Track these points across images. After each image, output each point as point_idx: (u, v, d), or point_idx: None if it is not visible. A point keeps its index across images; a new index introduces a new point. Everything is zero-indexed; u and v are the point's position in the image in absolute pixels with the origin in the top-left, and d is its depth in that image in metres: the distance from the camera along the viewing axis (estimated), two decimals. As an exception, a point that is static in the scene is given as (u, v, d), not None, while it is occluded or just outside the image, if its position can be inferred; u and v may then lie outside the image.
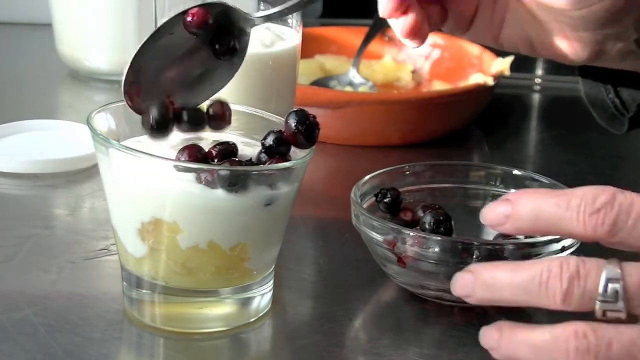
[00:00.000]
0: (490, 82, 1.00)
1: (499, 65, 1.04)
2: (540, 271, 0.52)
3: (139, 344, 0.64)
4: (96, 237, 0.75)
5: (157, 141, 0.63)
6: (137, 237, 0.62)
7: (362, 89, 1.06)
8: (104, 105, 0.65)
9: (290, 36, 0.78)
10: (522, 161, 0.97)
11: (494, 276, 0.54)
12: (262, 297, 0.65)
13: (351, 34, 1.14)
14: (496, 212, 0.54)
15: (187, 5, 0.65)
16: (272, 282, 0.66)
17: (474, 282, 0.54)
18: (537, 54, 0.70)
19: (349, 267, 0.72)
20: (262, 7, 0.78)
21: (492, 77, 1.01)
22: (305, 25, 0.81)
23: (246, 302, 0.64)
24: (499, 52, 1.06)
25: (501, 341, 0.53)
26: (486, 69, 1.04)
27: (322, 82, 1.07)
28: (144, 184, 0.60)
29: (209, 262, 0.61)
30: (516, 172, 0.76)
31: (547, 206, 0.53)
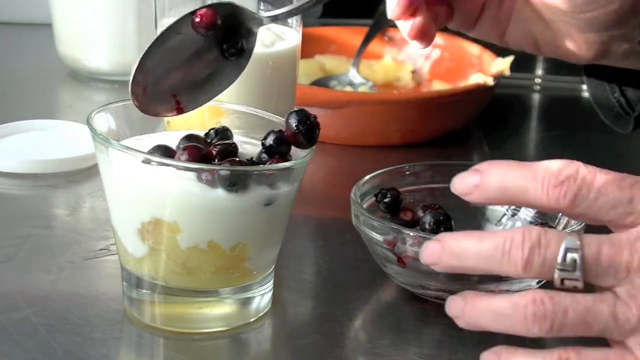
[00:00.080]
0: (490, 82, 1.00)
1: (499, 65, 1.04)
2: (503, 240, 0.54)
3: (139, 344, 0.64)
4: (96, 237, 0.75)
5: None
6: (137, 237, 0.62)
7: (362, 89, 1.06)
8: (104, 105, 0.65)
9: (290, 36, 0.78)
10: (522, 161, 0.97)
11: (460, 245, 0.56)
12: (262, 297, 0.65)
13: (351, 34, 1.14)
14: (465, 182, 0.56)
15: (186, 5, 0.65)
16: (272, 282, 0.66)
17: (441, 250, 0.56)
18: (542, 52, 0.70)
19: (349, 267, 0.72)
20: (261, 8, 0.78)
21: (492, 77, 1.01)
22: (305, 25, 0.81)
23: (246, 302, 0.64)
24: (499, 52, 1.06)
25: (465, 309, 0.56)
26: (486, 69, 1.04)
27: (322, 82, 1.07)
28: (143, 184, 0.60)
29: (209, 262, 0.61)
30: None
31: (514, 177, 0.55)
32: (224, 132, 0.66)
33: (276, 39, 0.77)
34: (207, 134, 0.65)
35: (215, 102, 0.69)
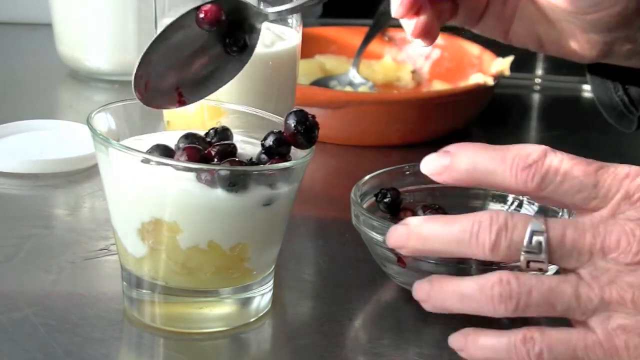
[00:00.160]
0: (490, 82, 1.00)
1: (499, 65, 1.04)
2: (471, 223, 0.56)
3: (139, 344, 0.64)
4: (96, 237, 0.75)
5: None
6: (137, 237, 0.62)
7: (362, 89, 1.06)
8: (104, 105, 0.65)
9: (290, 36, 0.78)
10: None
11: (428, 228, 0.57)
12: (262, 297, 0.65)
13: (351, 34, 1.14)
14: (435, 163, 0.58)
15: (186, 4, 0.65)
16: (272, 282, 0.66)
17: (407, 234, 0.58)
18: (546, 51, 0.70)
19: (349, 267, 0.72)
20: (262, 6, 0.78)
21: (492, 77, 1.01)
22: (305, 25, 0.81)
23: (246, 302, 0.64)
24: (499, 52, 1.06)
25: (431, 292, 0.58)
26: (486, 69, 1.04)
27: (322, 82, 1.07)
28: (143, 184, 0.60)
29: (209, 262, 0.61)
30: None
31: (483, 159, 0.56)
32: (223, 132, 0.66)
33: (276, 39, 0.77)
34: (207, 134, 0.65)
35: (215, 102, 0.69)
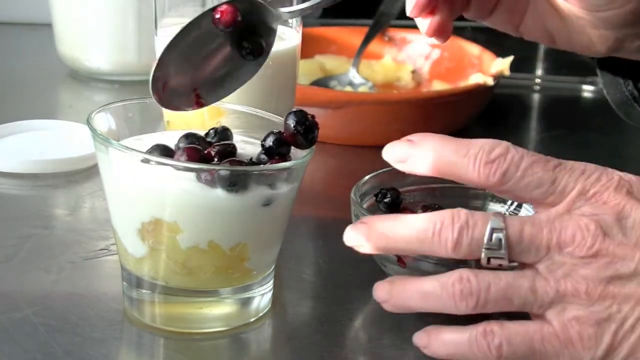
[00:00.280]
0: (490, 82, 1.00)
1: (499, 65, 1.04)
2: (434, 222, 0.57)
3: (139, 344, 0.64)
4: (96, 237, 0.75)
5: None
6: (137, 237, 0.62)
7: (362, 89, 1.06)
8: (104, 105, 0.65)
9: (290, 36, 0.78)
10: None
11: (391, 226, 0.59)
12: (262, 297, 0.65)
13: (351, 34, 1.14)
14: (399, 151, 0.60)
15: (186, 5, 0.65)
16: (272, 282, 0.66)
17: (368, 232, 0.60)
18: (557, 45, 0.71)
19: (349, 267, 0.72)
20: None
21: (492, 77, 1.01)
22: (305, 25, 0.81)
23: (246, 302, 0.64)
24: (499, 52, 1.06)
25: (392, 292, 0.60)
26: (486, 69, 1.04)
27: (322, 82, 1.07)
28: (143, 184, 0.60)
29: (209, 262, 0.61)
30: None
31: (447, 151, 0.59)
32: (223, 132, 0.66)
33: (276, 39, 0.77)
34: (207, 134, 0.65)
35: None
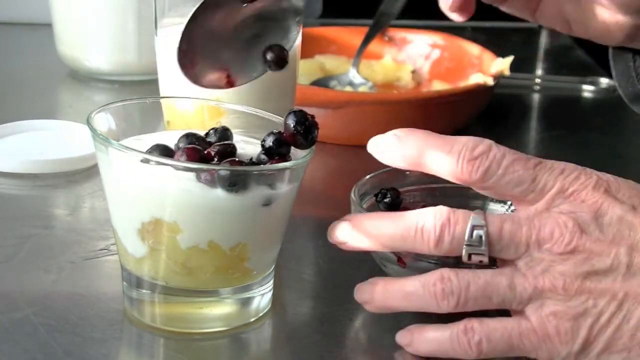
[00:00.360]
0: (490, 82, 1.00)
1: (499, 65, 1.04)
2: (416, 220, 0.59)
3: (139, 344, 0.64)
4: (96, 237, 0.75)
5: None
6: (137, 237, 0.62)
7: (362, 89, 1.06)
8: (104, 105, 0.65)
9: (290, 36, 0.78)
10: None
11: (373, 225, 0.60)
12: (262, 297, 0.65)
13: (351, 34, 1.14)
14: (383, 144, 0.61)
15: (186, 5, 0.65)
16: (272, 282, 0.66)
17: (352, 230, 0.61)
18: (573, 32, 0.71)
19: (349, 267, 0.72)
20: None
21: (492, 77, 1.01)
22: (305, 25, 0.81)
23: (246, 302, 0.64)
24: (499, 52, 1.06)
25: (375, 294, 0.61)
26: (486, 69, 1.04)
27: (322, 82, 1.07)
28: (143, 184, 0.60)
29: (209, 262, 0.61)
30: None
31: (432, 147, 0.59)
32: (223, 132, 0.66)
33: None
34: (207, 134, 0.65)
35: (215, 102, 0.69)
